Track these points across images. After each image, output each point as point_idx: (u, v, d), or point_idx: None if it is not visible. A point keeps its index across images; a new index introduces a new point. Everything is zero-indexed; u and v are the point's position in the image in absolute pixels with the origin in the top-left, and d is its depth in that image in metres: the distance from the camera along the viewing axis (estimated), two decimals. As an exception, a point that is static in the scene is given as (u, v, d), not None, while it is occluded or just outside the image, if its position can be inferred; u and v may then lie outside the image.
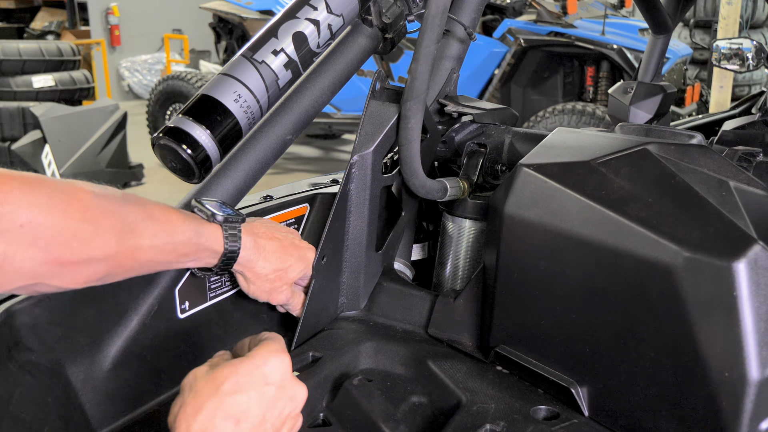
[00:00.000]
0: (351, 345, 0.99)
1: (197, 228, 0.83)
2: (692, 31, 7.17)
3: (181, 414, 0.62)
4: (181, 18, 9.78)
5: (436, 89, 1.20)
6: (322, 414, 0.93)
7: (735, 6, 5.16)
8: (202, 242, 0.83)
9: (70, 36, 9.92)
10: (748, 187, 0.81)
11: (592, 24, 5.20)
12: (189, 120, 0.89)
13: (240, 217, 0.88)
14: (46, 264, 0.68)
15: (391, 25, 1.07)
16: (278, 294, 0.95)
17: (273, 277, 0.93)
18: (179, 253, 0.81)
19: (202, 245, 0.83)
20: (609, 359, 0.83)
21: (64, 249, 0.69)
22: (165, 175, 1.17)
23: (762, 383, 0.71)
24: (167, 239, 0.79)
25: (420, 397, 0.94)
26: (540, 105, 5.38)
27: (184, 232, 0.81)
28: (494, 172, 1.19)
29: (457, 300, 1.05)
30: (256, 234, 0.91)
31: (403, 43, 5.14)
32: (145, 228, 0.76)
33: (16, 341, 0.77)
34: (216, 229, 0.85)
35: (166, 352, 0.92)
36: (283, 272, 0.94)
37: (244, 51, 0.95)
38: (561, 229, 0.87)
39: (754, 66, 2.14)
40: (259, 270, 0.92)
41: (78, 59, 6.46)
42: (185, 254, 0.82)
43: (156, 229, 0.77)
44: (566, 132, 1.02)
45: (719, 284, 0.72)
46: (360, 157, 1.01)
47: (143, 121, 6.59)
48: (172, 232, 0.79)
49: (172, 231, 0.79)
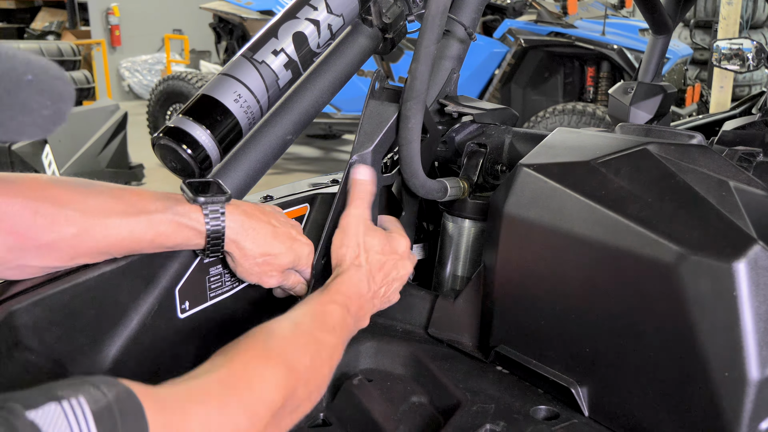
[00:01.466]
0: (351, 345, 0.99)
1: (174, 207, 0.82)
2: (692, 32, 7.18)
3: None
4: (182, 18, 9.78)
5: (436, 89, 1.20)
6: (322, 414, 0.93)
7: (735, 6, 5.17)
8: (183, 222, 0.82)
9: (70, 36, 9.93)
10: (748, 187, 0.81)
11: (593, 24, 5.20)
12: (189, 120, 0.89)
13: (223, 196, 0.86)
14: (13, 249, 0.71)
15: (392, 25, 1.07)
16: (268, 278, 0.93)
17: (261, 261, 0.91)
18: (158, 232, 0.81)
19: (183, 224, 0.82)
20: (609, 359, 0.83)
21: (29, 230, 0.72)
22: (165, 175, 1.17)
23: (762, 383, 0.71)
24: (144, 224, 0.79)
25: (420, 397, 0.94)
26: (540, 105, 5.39)
27: (160, 211, 0.81)
28: (494, 172, 1.19)
29: (457, 300, 1.05)
30: (247, 214, 0.89)
31: (403, 43, 5.14)
32: (119, 207, 0.78)
33: (16, 341, 0.77)
34: (196, 210, 0.84)
35: (166, 352, 0.92)
36: (272, 257, 0.91)
37: (245, 51, 0.95)
38: (561, 229, 0.87)
39: (754, 66, 2.14)
40: (247, 251, 0.89)
41: (78, 59, 6.47)
42: (166, 234, 0.82)
43: (131, 212, 0.79)
44: (566, 132, 1.02)
45: (719, 284, 0.72)
46: (359, 156, 1.01)
47: (143, 122, 6.60)
48: (148, 215, 0.80)
49: (148, 214, 0.80)
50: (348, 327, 0.85)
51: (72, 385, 0.52)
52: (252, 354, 0.68)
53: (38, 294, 0.78)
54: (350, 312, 0.86)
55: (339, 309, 0.84)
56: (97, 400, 0.51)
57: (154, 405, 0.55)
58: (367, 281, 0.92)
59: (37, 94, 0.52)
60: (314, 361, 0.74)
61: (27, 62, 0.52)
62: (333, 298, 0.85)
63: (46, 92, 0.53)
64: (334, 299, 0.85)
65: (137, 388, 0.56)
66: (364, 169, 0.98)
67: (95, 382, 0.53)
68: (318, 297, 0.85)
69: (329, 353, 0.78)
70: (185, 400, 0.59)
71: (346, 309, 0.85)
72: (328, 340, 0.79)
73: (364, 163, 1.01)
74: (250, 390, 0.64)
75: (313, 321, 0.79)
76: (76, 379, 0.54)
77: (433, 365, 0.96)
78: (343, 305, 0.85)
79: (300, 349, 0.73)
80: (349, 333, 0.85)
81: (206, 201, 0.84)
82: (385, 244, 0.96)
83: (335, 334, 0.81)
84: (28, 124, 0.52)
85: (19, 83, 0.51)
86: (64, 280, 0.81)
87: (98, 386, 0.53)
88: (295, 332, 0.75)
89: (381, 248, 0.95)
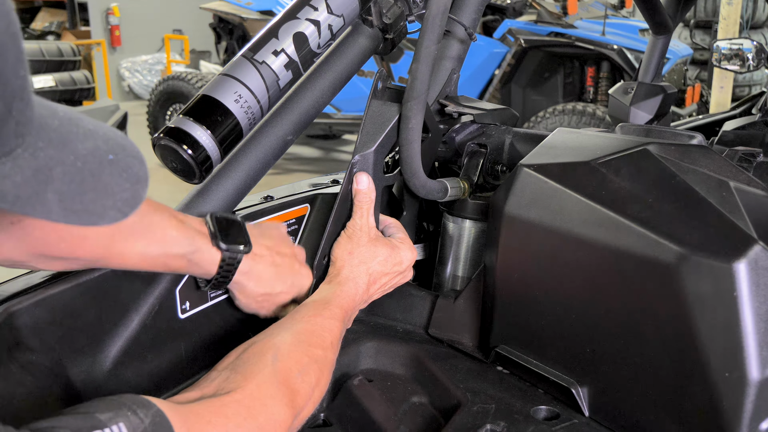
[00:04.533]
0: (351, 345, 0.99)
1: (194, 245, 0.82)
2: (692, 32, 7.17)
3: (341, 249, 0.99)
4: (182, 18, 9.78)
5: (436, 90, 1.20)
6: (323, 414, 0.93)
7: (735, 6, 5.17)
8: (195, 259, 0.83)
9: (70, 36, 9.92)
10: (749, 187, 0.81)
11: (593, 24, 5.20)
12: (190, 120, 0.89)
13: (243, 247, 0.86)
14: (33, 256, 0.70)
15: (392, 26, 1.07)
16: (265, 312, 0.96)
17: (260, 299, 0.94)
18: (167, 265, 0.81)
19: (194, 262, 0.83)
20: (609, 359, 0.83)
21: (51, 249, 0.71)
22: (165, 175, 1.17)
23: (762, 383, 0.71)
24: (158, 251, 0.79)
25: (420, 397, 0.94)
26: (540, 105, 5.39)
27: (178, 248, 0.80)
28: (495, 172, 1.19)
29: (458, 300, 1.05)
30: (255, 260, 0.90)
31: (403, 43, 5.14)
32: (139, 237, 0.77)
33: (17, 341, 0.77)
34: (215, 254, 0.84)
35: (167, 352, 0.92)
36: (271, 296, 0.94)
37: (245, 51, 0.95)
38: (561, 229, 0.87)
39: (754, 66, 2.14)
40: (248, 291, 0.92)
41: (78, 60, 6.46)
42: (174, 267, 0.83)
43: (149, 240, 0.78)
44: (566, 132, 1.02)
45: (719, 284, 0.72)
46: (362, 156, 1.01)
47: (144, 122, 6.59)
48: (164, 245, 0.79)
49: (165, 244, 0.79)
50: (341, 337, 0.89)
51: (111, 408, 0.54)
52: (263, 377, 0.72)
53: (39, 294, 0.78)
54: (344, 323, 0.91)
55: (338, 325, 0.88)
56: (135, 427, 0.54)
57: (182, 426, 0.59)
58: (364, 291, 0.97)
59: (118, 176, 0.48)
60: (318, 378, 0.79)
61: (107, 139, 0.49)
62: (333, 313, 0.89)
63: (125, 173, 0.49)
64: (334, 314, 0.88)
65: (165, 407, 0.59)
66: (363, 178, 1.00)
67: (131, 406, 0.56)
68: (320, 310, 0.88)
69: (329, 368, 0.83)
70: (207, 421, 0.63)
71: (342, 322, 0.89)
72: (329, 357, 0.83)
73: (366, 162, 1.01)
74: (265, 412, 0.69)
75: (315, 337, 0.83)
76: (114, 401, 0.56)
77: (434, 365, 0.96)
78: (342, 320, 0.89)
79: (304, 369, 0.77)
80: (341, 341, 0.90)
81: (228, 249, 0.85)
82: (389, 256, 1.00)
83: (333, 350, 0.85)
84: (109, 208, 0.48)
85: (102, 164, 0.47)
86: (64, 280, 0.81)
87: (135, 411, 0.55)
88: (299, 350, 0.79)
89: (385, 259, 0.99)
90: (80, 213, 0.46)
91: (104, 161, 0.48)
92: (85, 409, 0.54)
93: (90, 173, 0.46)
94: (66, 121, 0.47)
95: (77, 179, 0.46)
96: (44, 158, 0.44)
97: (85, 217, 0.47)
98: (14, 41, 0.41)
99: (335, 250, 0.99)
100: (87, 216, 0.47)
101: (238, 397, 0.68)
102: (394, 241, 1.03)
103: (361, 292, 0.96)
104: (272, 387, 0.72)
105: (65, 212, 0.46)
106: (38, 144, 0.44)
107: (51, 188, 0.44)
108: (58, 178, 0.45)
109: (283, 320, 0.85)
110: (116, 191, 0.48)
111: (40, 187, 0.44)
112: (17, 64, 0.41)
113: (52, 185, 0.44)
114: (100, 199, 0.47)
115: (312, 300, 0.91)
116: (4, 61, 0.40)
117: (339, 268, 0.97)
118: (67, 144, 0.46)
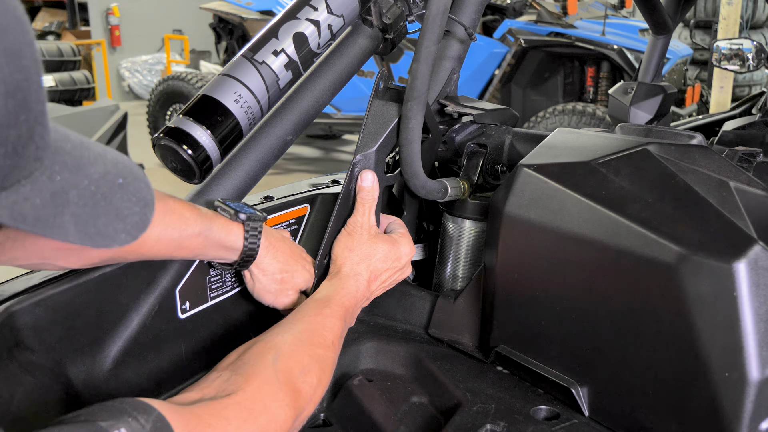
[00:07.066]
0: (351, 345, 0.99)
1: (209, 224, 0.83)
2: (692, 32, 7.17)
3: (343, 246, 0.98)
4: (182, 18, 9.78)
5: (436, 90, 1.20)
6: (323, 414, 0.93)
7: (735, 6, 5.17)
8: (212, 237, 0.84)
9: (70, 36, 9.92)
10: (749, 187, 0.81)
11: (593, 24, 5.20)
12: (190, 120, 0.89)
13: (262, 216, 0.89)
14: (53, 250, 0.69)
15: (392, 26, 1.07)
16: (284, 297, 0.96)
17: (279, 277, 0.94)
18: (183, 247, 0.82)
19: (211, 241, 0.84)
20: (609, 359, 0.83)
21: None
22: (165, 175, 1.17)
23: (762, 383, 0.71)
24: (176, 233, 0.79)
25: (420, 397, 0.94)
26: (540, 105, 5.38)
27: (194, 227, 0.81)
28: (494, 172, 1.19)
29: (458, 300, 1.05)
30: (267, 233, 0.92)
31: (403, 43, 5.14)
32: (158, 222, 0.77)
33: (17, 341, 0.77)
34: (238, 228, 0.86)
35: (167, 352, 0.92)
36: (289, 274, 0.95)
37: (245, 51, 0.95)
38: (561, 229, 0.87)
39: (754, 66, 2.14)
40: (267, 266, 0.92)
41: (78, 59, 6.46)
42: (191, 248, 0.83)
43: (166, 224, 0.78)
44: (566, 132, 1.02)
45: (719, 284, 0.72)
46: (363, 156, 1.01)
47: (143, 122, 6.59)
48: (181, 226, 0.80)
49: (182, 225, 0.80)
50: (343, 335, 0.89)
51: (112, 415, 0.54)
52: (264, 378, 0.72)
53: (39, 294, 0.79)
54: (346, 321, 0.91)
55: (339, 323, 0.88)
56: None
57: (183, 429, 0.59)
58: (365, 288, 0.97)
59: (128, 200, 0.49)
60: (320, 378, 0.79)
61: (116, 163, 0.49)
62: (334, 311, 0.89)
63: (134, 197, 0.50)
64: (335, 313, 0.88)
65: (165, 409, 0.58)
66: (368, 175, 1.00)
67: (132, 412, 0.55)
68: (321, 308, 0.88)
69: (331, 367, 0.83)
70: (207, 424, 0.63)
71: (344, 321, 0.89)
72: (330, 356, 0.83)
73: (367, 162, 1.01)
74: (266, 413, 0.69)
75: (316, 337, 0.83)
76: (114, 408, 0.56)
77: (434, 365, 0.96)
78: (342, 318, 0.89)
79: (306, 369, 0.77)
80: (343, 339, 0.89)
81: (248, 218, 0.87)
82: (389, 252, 1.00)
83: (335, 348, 0.85)
84: (120, 231, 0.49)
85: (113, 188, 0.48)
86: (64, 280, 0.81)
87: (136, 417, 0.55)
88: (300, 350, 0.79)
89: (384, 255, 0.99)
90: (94, 236, 0.47)
91: (115, 185, 0.49)
92: (86, 417, 0.54)
93: (102, 197, 0.47)
94: (78, 145, 0.47)
95: (91, 203, 0.47)
96: (60, 181, 0.45)
97: (99, 240, 0.48)
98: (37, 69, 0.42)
99: (336, 248, 0.99)
100: (100, 239, 0.48)
101: (239, 398, 0.68)
102: (394, 236, 1.03)
103: (362, 289, 0.96)
104: (273, 388, 0.72)
105: (80, 235, 0.46)
106: (54, 167, 0.45)
107: (68, 211, 0.45)
108: (74, 202, 0.46)
109: (284, 320, 0.85)
110: (126, 215, 0.49)
111: (58, 210, 0.45)
112: (39, 90, 0.42)
113: (68, 208, 0.45)
114: (112, 223, 0.48)
115: (313, 299, 0.91)
116: (28, 89, 0.41)
117: (339, 265, 0.97)
118: (81, 168, 0.47)
